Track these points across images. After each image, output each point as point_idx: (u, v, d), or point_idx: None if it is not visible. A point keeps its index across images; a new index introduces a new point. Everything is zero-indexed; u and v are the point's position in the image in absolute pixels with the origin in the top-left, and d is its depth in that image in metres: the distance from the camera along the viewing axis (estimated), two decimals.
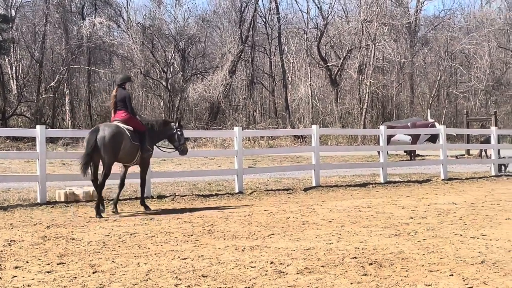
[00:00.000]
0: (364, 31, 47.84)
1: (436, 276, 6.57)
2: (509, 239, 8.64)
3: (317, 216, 11.15)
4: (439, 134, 20.78)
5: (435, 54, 55.09)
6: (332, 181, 18.40)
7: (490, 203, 13.09)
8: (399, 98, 52.94)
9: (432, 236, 8.97)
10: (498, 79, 53.58)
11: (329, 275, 6.67)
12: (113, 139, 11.54)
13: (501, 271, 6.78)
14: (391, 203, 13.22)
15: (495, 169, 20.83)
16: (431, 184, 17.98)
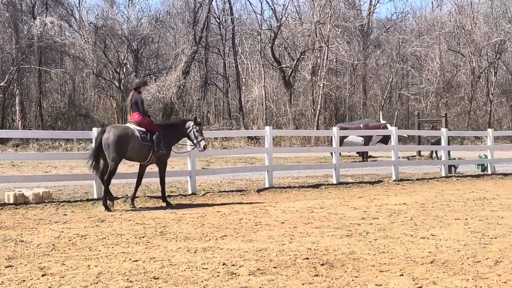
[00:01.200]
0: (318, 33, 48.13)
1: (386, 276, 6.63)
2: (458, 239, 8.77)
3: (270, 217, 11.16)
4: (391, 135, 21.00)
5: (387, 56, 55.74)
6: (285, 182, 18.44)
7: (440, 203, 13.28)
8: (352, 100, 53.42)
9: (383, 236, 9.06)
10: (449, 82, 54.47)
11: (281, 276, 6.67)
12: (117, 140, 12.27)
13: (450, 270, 6.87)
14: (344, 204, 13.31)
15: (445, 170, 21.14)
16: (383, 185, 18.16)
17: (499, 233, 9.25)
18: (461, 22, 53.80)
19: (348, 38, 52.37)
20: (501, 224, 10.19)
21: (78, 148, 33.97)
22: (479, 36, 52.37)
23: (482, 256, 7.60)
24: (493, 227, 9.83)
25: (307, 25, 50.65)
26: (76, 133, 26.75)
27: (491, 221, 10.55)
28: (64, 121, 47.32)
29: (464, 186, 18.04)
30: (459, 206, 12.76)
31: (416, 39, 54.38)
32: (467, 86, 53.52)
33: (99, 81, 48.86)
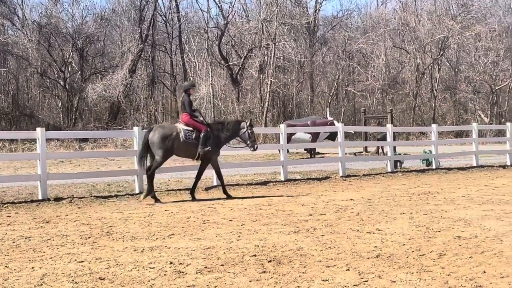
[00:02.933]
0: (264, 30, 48.31)
1: (333, 271, 6.69)
2: (403, 233, 8.90)
3: (218, 215, 11.15)
4: (338, 132, 21.18)
5: (333, 53, 56.28)
6: (233, 180, 18.43)
7: (386, 198, 13.45)
8: (300, 97, 53.74)
9: (330, 232, 9.13)
10: (394, 78, 55.23)
11: (229, 273, 6.66)
12: (160, 138, 13.50)
13: (395, 264, 6.97)
14: (291, 200, 13.38)
15: (391, 166, 21.41)
16: (330, 181, 18.29)
17: (443, 227, 9.42)
18: (406, 19, 54.61)
19: (295, 36, 52.72)
20: (445, 217, 10.38)
21: (22, 148, 33.38)
22: (423, 33, 53.24)
23: (427, 249, 7.72)
24: (437, 221, 10.00)
25: (254, 23, 50.77)
26: (21, 134, 26.24)
27: (435, 215, 10.73)
28: (8, 121, 46.45)
29: (410, 181, 18.30)
30: (405, 201, 12.94)
31: (362, 37, 55.01)
32: (412, 83, 54.35)
33: (44, 81, 48.08)
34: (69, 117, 45.58)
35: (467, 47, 54.85)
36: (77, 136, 31.88)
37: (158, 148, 13.53)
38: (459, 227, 9.36)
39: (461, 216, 10.53)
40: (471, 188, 15.66)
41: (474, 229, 9.17)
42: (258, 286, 6.18)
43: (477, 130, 24.48)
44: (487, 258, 7.19)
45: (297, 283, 6.26)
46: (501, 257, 7.22)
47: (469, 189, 15.39)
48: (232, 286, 6.20)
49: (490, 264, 6.91)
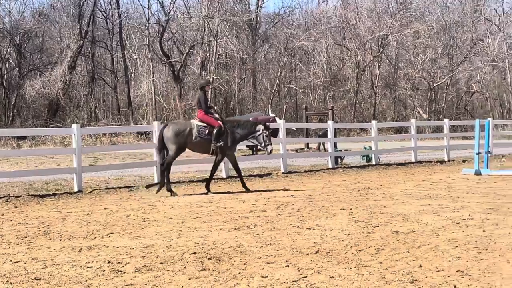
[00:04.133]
0: (206, 27, 48.16)
1: (272, 268, 6.70)
2: (342, 229, 8.98)
3: (158, 213, 11.06)
4: (279, 128, 21.25)
5: (275, 50, 56.48)
6: (175, 177, 18.28)
7: (327, 194, 13.56)
8: (242, 94, 53.81)
9: (271, 228, 9.15)
10: (335, 75, 55.76)
11: (168, 271, 6.61)
12: (174, 134, 14.15)
13: (334, 260, 7.02)
14: (233, 197, 13.37)
15: (332, 162, 21.59)
16: (272, 178, 18.36)
17: (382, 222, 9.54)
18: (346, 17, 55.18)
19: (237, 33, 52.69)
20: (384, 213, 10.51)
21: None
22: (363, 30, 53.85)
23: (365, 245, 7.81)
24: (376, 216, 10.13)
25: (195, 19, 50.57)
26: None
27: (374, 210, 10.86)
28: None
29: (350, 177, 18.50)
30: (345, 197, 13.07)
31: (303, 34, 55.36)
32: (353, 80, 54.95)
33: None
34: (7, 115, 44.62)
35: (406, 45, 55.76)
36: (15, 134, 31.19)
37: (171, 143, 14.17)
38: (397, 222, 9.50)
39: (399, 211, 10.69)
40: (409, 183, 15.92)
41: (412, 224, 9.31)
42: (197, 284, 6.14)
43: (416, 126, 24.87)
44: (423, 253, 7.31)
45: (236, 280, 6.25)
46: (437, 251, 7.35)
47: (408, 184, 15.64)
48: (171, 285, 6.15)
49: (426, 258, 7.02)
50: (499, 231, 8.57)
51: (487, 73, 53.57)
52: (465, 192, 13.69)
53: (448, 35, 54.36)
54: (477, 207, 11.07)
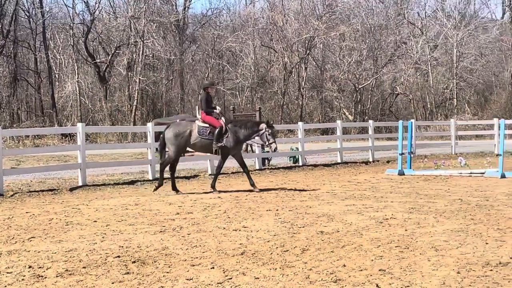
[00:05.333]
0: (132, 27, 47.67)
1: (197, 270, 6.67)
2: (268, 230, 9.01)
3: (82, 216, 10.85)
4: None
5: (203, 51, 56.37)
6: (99, 179, 18.05)
7: (253, 196, 13.59)
8: (169, 95, 53.51)
9: (197, 230, 9.11)
10: (263, 77, 56.02)
11: (91, 276, 6.50)
12: (173, 135, 14.40)
13: (259, 261, 7.04)
14: (159, 199, 13.24)
15: (259, 163, 21.68)
16: (199, 179, 18.31)
17: (307, 222, 9.62)
18: (273, 18, 55.52)
19: (164, 33, 52.36)
20: (309, 213, 10.60)
21: None
22: (291, 32, 54.27)
23: (290, 245, 7.85)
24: (302, 217, 10.21)
25: (121, 20, 50.01)
26: None
27: (300, 211, 10.95)
28: None
29: (277, 178, 18.60)
30: (271, 198, 13.13)
31: (231, 35, 55.43)
32: (280, 81, 55.31)
33: None
34: None
35: (332, 47, 56.50)
36: None
37: (171, 144, 14.46)
38: (323, 222, 9.59)
39: (324, 211, 10.80)
40: (335, 184, 16.11)
41: (337, 224, 9.42)
42: None
43: (342, 128, 25.18)
44: (347, 252, 7.40)
45: (161, 283, 6.20)
46: (360, 251, 7.46)
47: (333, 185, 15.83)
48: None
49: (350, 257, 7.12)
50: (421, 230, 8.77)
51: (410, 75, 54.71)
52: (388, 192, 13.95)
53: (373, 37, 55.33)
54: (400, 206, 11.29)
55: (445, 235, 8.38)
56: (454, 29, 53.76)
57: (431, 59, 54.79)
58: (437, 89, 54.81)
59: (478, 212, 10.47)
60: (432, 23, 58.29)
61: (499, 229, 8.76)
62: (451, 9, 56.68)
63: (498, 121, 24.99)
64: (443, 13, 56.74)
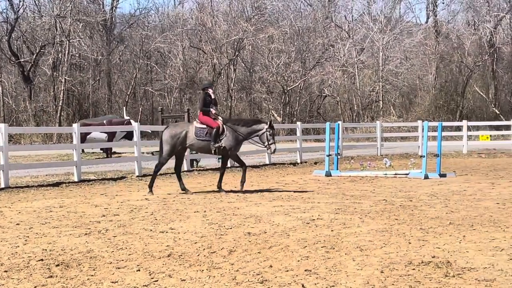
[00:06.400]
0: (58, 26, 46.77)
1: (123, 273, 6.58)
2: (196, 231, 8.97)
3: (5, 219, 10.57)
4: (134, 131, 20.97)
5: (131, 52, 55.80)
6: (23, 181, 17.63)
7: (181, 197, 13.54)
8: (96, 96, 52.73)
9: (123, 233, 8.99)
10: (192, 78, 55.81)
11: (12, 280, 6.33)
12: (169, 136, 14.49)
13: (186, 262, 7.00)
14: (84, 202, 13.03)
15: (187, 164, 21.58)
16: (126, 181, 18.08)
17: (234, 224, 9.62)
18: (202, 19, 55.37)
19: (91, 33, 51.58)
20: (237, 214, 10.62)
21: None
22: (220, 33, 54.25)
23: (218, 247, 7.84)
24: (229, 218, 10.21)
25: (46, 18, 49.02)
26: None
27: (227, 212, 10.95)
28: None
29: (205, 179, 18.56)
30: (199, 199, 13.09)
31: (159, 36, 55.04)
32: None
33: None
34: None
35: (261, 49, 56.72)
36: None
37: (165, 144, 14.53)
38: (250, 224, 9.62)
39: (252, 212, 10.83)
40: (263, 185, 16.21)
41: (264, 225, 9.46)
42: None
43: None
44: (274, 253, 7.43)
45: (85, 287, 6.10)
46: (287, 251, 7.51)
47: (261, 186, 15.89)
48: None
49: (277, 258, 7.15)
50: (346, 230, 8.89)
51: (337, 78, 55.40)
52: (315, 193, 14.10)
53: (301, 40, 55.81)
54: (327, 207, 11.43)
55: (370, 235, 8.52)
56: (380, 32, 54.72)
57: (358, 62, 55.65)
58: (364, 92, 55.67)
59: (402, 212, 10.69)
60: (359, 26, 59.20)
61: (422, 229, 8.97)
62: (377, 13, 57.67)
63: (422, 123, 25.56)
64: (369, 17, 57.67)
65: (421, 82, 57.58)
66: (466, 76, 55.25)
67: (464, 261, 6.86)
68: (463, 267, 6.61)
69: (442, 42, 56.70)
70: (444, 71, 56.64)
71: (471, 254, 7.21)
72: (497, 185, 15.34)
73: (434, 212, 10.64)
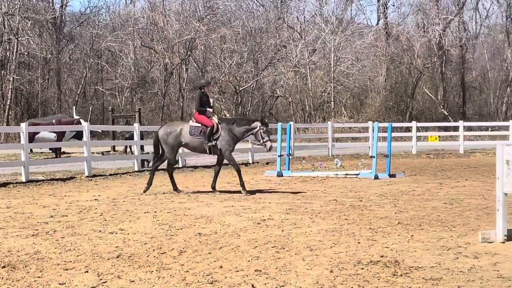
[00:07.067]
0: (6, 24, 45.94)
1: (71, 274, 6.49)
2: (146, 232, 8.90)
3: None
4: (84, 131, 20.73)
5: (81, 51, 55.14)
6: None
7: (132, 198, 13.40)
8: (45, 95, 51.95)
9: (71, 234, 8.87)
10: (143, 77, 55.42)
11: None
12: (163, 135, 14.41)
13: (135, 264, 6.93)
14: (32, 202, 12.81)
15: (138, 165, 21.42)
16: (75, 182, 17.84)
17: (185, 224, 9.58)
18: (154, 19, 55.01)
19: (40, 31, 50.79)
20: (188, 215, 10.57)
21: None
22: (171, 33, 53.97)
23: (168, 247, 7.79)
24: (180, 219, 10.15)
25: None
26: None
27: (178, 212, 10.89)
28: None
29: (156, 179, 18.14)
30: (150, 200, 12.99)
31: (110, 34, 54.51)
32: (161, 82, 54.89)
33: None
34: None
35: (214, 49, 56.63)
36: None
37: (163, 143, 14.46)
38: (201, 224, 9.58)
39: (203, 213, 10.79)
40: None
41: (215, 226, 9.43)
42: None
43: None
44: (224, 253, 7.42)
45: None
46: (237, 252, 7.50)
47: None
48: None
49: (227, 259, 7.13)
50: (297, 230, 8.92)
51: (290, 78, 55.65)
52: (267, 193, 14.12)
53: (253, 40, 55.88)
54: (278, 207, 11.46)
55: (320, 235, 8.57)
56: (331, 34, 55.16)
57: (310, 63, 55.98)
58: (316, 92, 56.02)
59: (352, 212, 10.78)
60: (311, 27, 59.54)
61: (371, 228, 9.06)
62: (329, 15, 58.07)
63: (373, 124, 25.85)
64: (321, 18, 58.06)
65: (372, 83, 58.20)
66: (416, 77, 56.01)
67: (412, 260, 6.95)
68: (411, 266, 6.69)
69: (393, 44, 57.38)
70: (394, 72, 57.32)
71: (419, 254, 7.31)
72: (445, 185, 15.59)
73: (384, 212, 10.76)
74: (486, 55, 62.96)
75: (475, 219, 9.92)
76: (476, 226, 9.26)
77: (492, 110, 58.53)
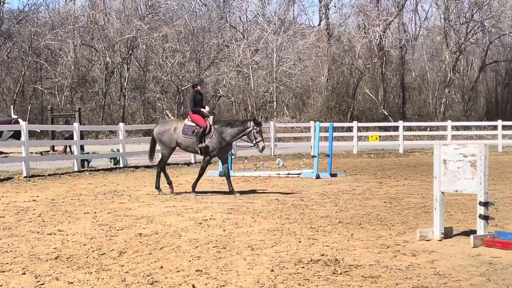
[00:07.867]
0: None
1: (7, 276, 6.37)
2: (85, 233, 8.79)
3: None
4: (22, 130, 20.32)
5: (19, 49, 54.06)
6: None
7: (71, 198, 13.20)
8: None
9: (8, 235, 8.70)
10: (84, 76, 54.66)
11: None
12: (158, 133, 14.51)
13: (74, 265, 6.84)
14: None
15: (78, 165, 21.09)
16: (13, 182, 17.46)
17: (126, 225, 9.49)
18: (94, 17, 54.31)
19: None
20: (128, 215, 10.48)
21: None
22: (112, 32, 53.37)
23: (108, 248, 7.71)
24: (121, 219, 10.06)
25: None
26: None
27: (119, 213, 10.78)
28: None
29: (97, 180, 18.19)
30: (90, 200, 12.82)
31: (50, 33, 53.59)
32: (102, 81, 54.22)
33: None
34: None
35: (155, 48, 56.20)
36: None
37: (159, 142, 14.56)
38: (142, 224, 9.51)
39: (144, 213, 10.72)
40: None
41: (156, 226, 9.37)
42: None
43: None
44: (165, 254, 7.37)
45: None
46: (178, 252, 7.46)
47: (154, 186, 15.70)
48: None
49: (168, 259, 7.09)
50: (238, 230, 8.93)
51: (232, 78, 55.62)
52: (209, 193, 14.10)
53: (196, 40, 55.68)
54: (219, 207, 11.45)
55: (261, 234, 8.59)
56: (274, 34, 55.35)
57: (253, 63, 56.07)
58: (258, 92, 56.13)
59: (293, 211, 10.85)
60: (253, 27, 59.65)
61: (312, 227, 9.13)
62: (271, 15, 58.28)
63: (315, 124, 26.04)
64: (263, 18, 58.25)
65: (314, 84, 58.62)
66: (357, 78, 56.63)
67: (351, 259, 7.03)
68: (351, 264, 6.77)
69: (334, 45, 57.90)
70: (336, 73, 57.85)
71: (358, 252, 7.40)
72: (384, 184, 15.83)
73: (324, 211, 10.86)
74: (425, 56, 64.04)
75: (413, 218, 10.10)
76: (414, 224, 9.43)
77: (431, 111, 59.53)
